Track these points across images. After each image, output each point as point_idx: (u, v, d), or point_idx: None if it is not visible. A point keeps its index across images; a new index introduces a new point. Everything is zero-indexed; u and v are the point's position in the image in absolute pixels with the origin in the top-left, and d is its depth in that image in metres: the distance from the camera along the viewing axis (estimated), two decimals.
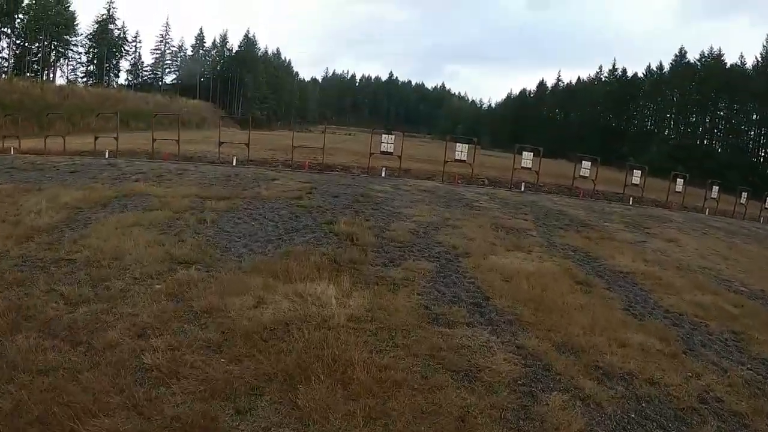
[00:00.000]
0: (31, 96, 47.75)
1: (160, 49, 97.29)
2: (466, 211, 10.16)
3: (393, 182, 13.50)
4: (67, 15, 75.34)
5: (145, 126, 53.32)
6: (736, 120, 71.82)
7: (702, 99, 75.66)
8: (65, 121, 41.93)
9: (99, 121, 51.76)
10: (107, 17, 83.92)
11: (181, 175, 12.24)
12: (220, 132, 16.68)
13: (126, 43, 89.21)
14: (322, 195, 9.94)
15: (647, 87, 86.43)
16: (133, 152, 19.21)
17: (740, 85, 67.64)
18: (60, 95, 53.70)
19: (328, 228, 7.13)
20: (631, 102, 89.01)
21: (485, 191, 14.18)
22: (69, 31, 76.45)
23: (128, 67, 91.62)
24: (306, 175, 13.61)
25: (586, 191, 18.25)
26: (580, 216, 12.06)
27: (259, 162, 17.16)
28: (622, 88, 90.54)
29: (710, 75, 73.04)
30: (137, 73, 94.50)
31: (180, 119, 18.35)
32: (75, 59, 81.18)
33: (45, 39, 72.58)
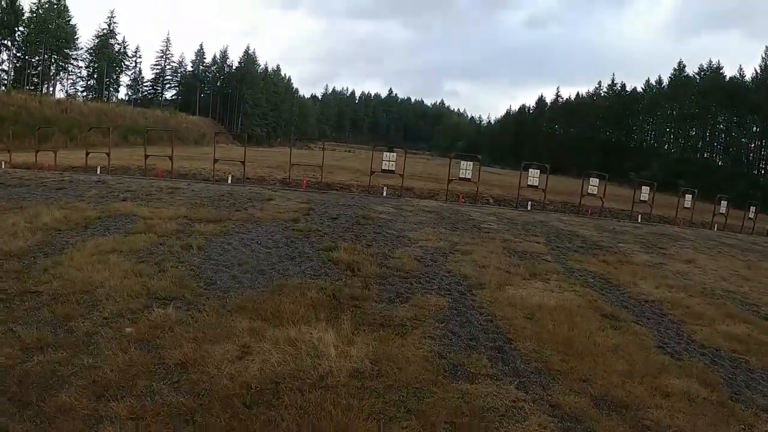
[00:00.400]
0: (28, 109, 47.41)
1: (160, 64, 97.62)
2: (474, 233, 9.49)
3: (395, 202, 12.86)
4: (67, 29, 75.47)
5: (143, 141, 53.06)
6: (736, 133, 71.77)
7: (702, 112, 75.69)
8: (63, 134, 41.74)
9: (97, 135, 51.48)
10: (108, 32, 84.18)
11: (172, 193, 11.61)
12: (215, 149, 16.04)
13: (126, 57, 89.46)
14: (320, 217, 9.28)
15: (647, 101, 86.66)
16: (127, 168, 18.65)
17: (740, 97, 67.67)
18: (58, 109, 53.52)
19: (326, 255, 6.44)
20: (631, 117, 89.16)
21: (492, 211, 13.54)
22: (69, 45, 76.55)
23: (128, 82, 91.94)
24: (304, 194, 12.97)
25: (594, 209, 17.73)
26: (593, 237, 11.43)
27: (256, 180, 16.58)
28: (622, 103, 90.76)
29: (710, 88, 73.14)
30: (137, 89, 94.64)
31: (174, 135, 17.49)
32: (75, 73, 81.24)
33: (45, 52, 72.60)
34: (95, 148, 18.82)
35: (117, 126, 57.02)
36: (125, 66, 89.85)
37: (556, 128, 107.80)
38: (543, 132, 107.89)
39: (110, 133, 18.88)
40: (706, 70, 77.01)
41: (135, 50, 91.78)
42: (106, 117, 58.87)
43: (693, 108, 76.84)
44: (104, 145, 47.71)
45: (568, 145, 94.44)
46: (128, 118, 62.96)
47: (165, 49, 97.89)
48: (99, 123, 53.92)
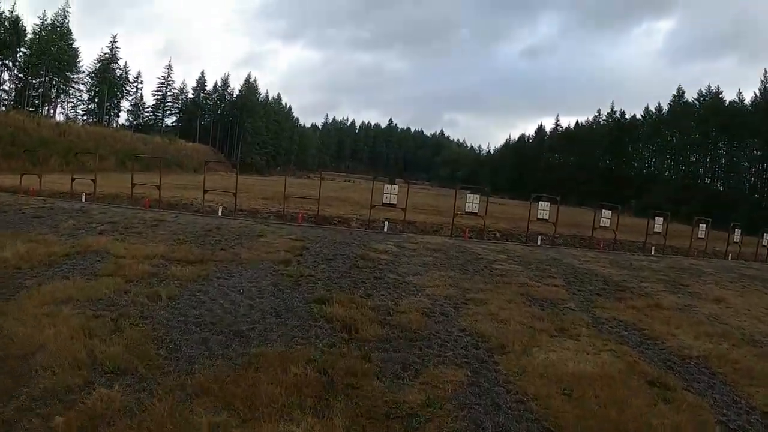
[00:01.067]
0: (26, 130, 46.74)
1: (161, 90, 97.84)
2: (486, 277, 8.50)
3: (397, 239, 11.89)
4: (69, 52, 75.61)
5: (141, 167, 52.34)
6: (737, 158, 71.47)
7: (702, 138, 75.54)
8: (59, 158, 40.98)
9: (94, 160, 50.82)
10: (110, 56, 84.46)
11: (155, 227, 10.67)
12: (204, 178, 15.14)
13: (128, 83, 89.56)
14: (314, 257, 8.29)
15: (646, 128, 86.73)
16: (115, 196, 17.77)
17: (739, 122, 67.56)
18: (56, 131, 52.89)
19: (318, 310, 5.43)
20: (631, 144, 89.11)
21: (501, 248, 12.56)
22: (71, 68, 76.62)
23: (129, 108, 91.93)
24: (299, 229, 12.00)
25: (605, 242, 16.85)
26: (612, 276, 10.50)
27: (249, 212, 15.65)
28: (621, 131, 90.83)
29: (710, 114, 73.12)
30: (138, 114, 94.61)
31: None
32: (76, 96, 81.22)
33: (46, 74, 72.60)
34: (90, 174, 17.96)
35: (115, 151, 56.49)
36: (126, 91, 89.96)
37: (555, 157, 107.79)
38: (543, 161, 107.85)
39: (96, 157, 17.82)
40: (705, 95, 77.23)
41: (136, 75, 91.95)
42: (105, 141, 58.24)
43: (693, 134, 76.84)
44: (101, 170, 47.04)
45: (568, 174, 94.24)
46: (127, 143, 62.30)
47: (166, 75, 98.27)
48: (97, 147, 53.15)
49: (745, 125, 66.24)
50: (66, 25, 75.43)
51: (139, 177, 17.01)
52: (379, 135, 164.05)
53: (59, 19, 74.57)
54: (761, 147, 65.87)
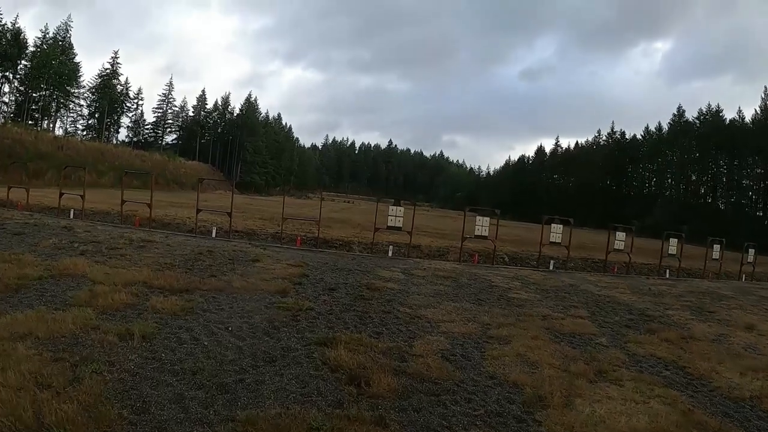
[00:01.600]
0: (23, 143, 46.23)
1: (162, 107, 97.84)
2: (504, 308, 7.67)
3: (403, 264, 11.08)
4: (70, 66, 75.54)
5: (139, 184, 51.67)
6: (738, 176, 71.17)
7: (703, 156, 75.29)
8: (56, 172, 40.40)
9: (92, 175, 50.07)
10: (111, 72, 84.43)
11: (141, 248, 9.88)
12: (198, 197, 14.36)
13: (128, 99, 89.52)
14: (314, 286, 7.46)
15: (647, 148, 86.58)
16: (106, 214, 17.03)
17: (741, 140, 67.34)
18: (54, 145, 52.48)
19: (320, 354, 4.57)
20: (631, 164, 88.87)
21: (513, 273, 11.74)
22: (71, 82, 76.45)
23: (129, 124, 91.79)
24: (298, 253, 11.20)
25: (618, 264, 16.12)
26: (635, 303, 9.79)
27: (245, 233, 14.85)
28: (621, 150, 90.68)
29: (710, 132, 72.98)
30: (138, 131, 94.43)
31: (157, 178, 15.92)
32: (76, 111, 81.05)
33: (47, 88, 72.36)
34: (92, 188, 17.30)
35: (113, 167, 55.84)
36: (126, 107, 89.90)
37: (555, 178, 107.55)
38: (543, 182, 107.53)
39: (86, 172, 16.99)
40: (705, 114, 77.21)
41: (137, 92, 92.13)
42: (103, 157, 57.74)
43: (694, 152, 76.71)
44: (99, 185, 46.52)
45: (568, 195, 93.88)
46: (125, 159, 61.91)
47: (167, 92, 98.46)
48: (95, 163, 52.72)
49: (746, 143, 66.08)
50: (68, 40, 75.63)
51: (135, 194, 16.32)
52: (379, 156, 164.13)
53: (61, 33, 74.79)
54: (763, 164, 65.46)
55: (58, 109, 77.42)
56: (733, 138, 68.77)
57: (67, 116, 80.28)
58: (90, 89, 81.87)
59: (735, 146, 68.46)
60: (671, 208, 72.17)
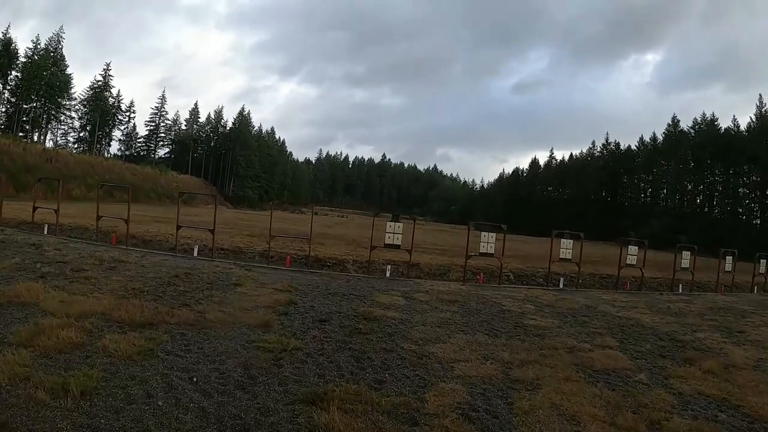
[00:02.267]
0: (11, 155, 45.16)
1: (154, 121, 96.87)
2: (523, 339, 6.65)
3: (403, 286, 10.04)
4: (62, 77, 74.51)
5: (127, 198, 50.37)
6: (735, 184, 70.91)
7: (698, 166, 75.06)
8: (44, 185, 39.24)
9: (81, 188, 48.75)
10: (102, 84, 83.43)
11: (111, 270, 8.83)
12: (178, 211, 13.30)
13: (120, 111, 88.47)
14: (303, 318, 6.40)
15: (641, 159, 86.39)
16: (84, 229, 15.92)
17: (736, 148, 67.14)
18: (43, 158, 51.41)
19: (307, 419, 3.52)
20: (626, 175, 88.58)
21: (523, 294, 10.73)
22: (62, 94, 75.35)
23: (121, 137, 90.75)
24: (286, 274, 10.14)
25: (628, 279, 15.22)
26: (659, 326, 8.84)
27: (230, 251, 13.78)
28: (616, 161, 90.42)
29: (705, 141, 72.84)
30: (130, 144, 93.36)
31: (130, 191, 14.93)
32: (67, 123, 79.90)
33: (37, 99, 71.22)
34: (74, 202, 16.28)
35: (104, 180, 54.63)
36: (118, 120, 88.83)
37: (550, 190, 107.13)
38: (537, 194, 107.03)
39: (59, 185, 15.94)
40: (700, 123, 77.12)
41: (129, 105, 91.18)
42: (93, 170, 56.64)
43: (689, 162, 76.52)
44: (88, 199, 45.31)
45: (563, 207, 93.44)
46: (116, 172, 60.84)
47: (160, 106, 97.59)
48: (84, 176, 51.71)
49: (742, 151, 65.89)
50: (60, 51, 74.76)
51: (121, 208, 15.25)
52: (373, 170, 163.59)
53: (53, 44, 73.88)
54: (760, 172, 65.17)
55: (48, 121, 76.31)
56: (728, 146, 68.64)
57: (58, 128, 79.23)
58: (81, 101, 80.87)
59: (730, 155, 68.25)
60: (668, 218, 71.72)
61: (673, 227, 66.85)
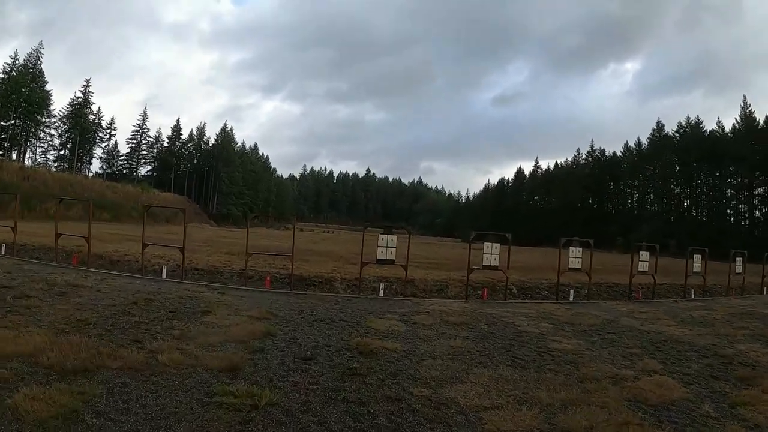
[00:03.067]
0: None
1: (136, 138, 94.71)
2: (554, 369, 5.45)
3: (400, 307, 8.81)
4: (40, 94, 72.41)
5: (109, 217, 48.57)
6: (722, 186, 70.96)
7: (684, 169, 75.04)
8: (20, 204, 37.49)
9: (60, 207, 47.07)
10: (83, 101, 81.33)
11: (61, 296, 7.56)
12: (144, 228, 11.95)
13: (100, 129, 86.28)
14: (282, 354, 5.10)
15: (627, 165, 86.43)
16: (48, 249, 14.50)
17: (721, 150, 67.26)
18: (19, 176, 49.67)
19: None
20: (612, 181, 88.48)
21: (535, 310, 9.56)
22: (41, 111, 73.21)
23: (102, 155, 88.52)
24: (265, 298, 8.85)
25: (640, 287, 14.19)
26: (694, 339, 7.82)
27: (206, 271, 12.45)
28: (602, 169, 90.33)
29: (690, 144, 72.87)
30: (112, 162, 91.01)
31: (90, 206, 13.71)
32: (47, 141, 77.62)
33: (16, 116, 69.04)
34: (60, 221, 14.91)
35: (83, 199, 52.63)
36: (99, 137, 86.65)
37: (536, 199, 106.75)
38: (523, 203, 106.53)
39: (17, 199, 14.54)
40: (685, 126, 77.24)
41: (110, 122, 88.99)
42: (72, 189, 54.73)
43: (674, 166, 76.58)
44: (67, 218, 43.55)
45: (549, 215, 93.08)
46: (96, 191, 58.88)
47: (141, 123, 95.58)
48: (63, 194, 49.65)
49: (727, 153, 65.98)
50: (38, 67, 72.70)
51: (102, 227, 13.93)
52: (358, 184, 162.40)
53: (32, 60, 71.84)
54: (747, 173, 65.20)
55: (27, 139, 74.06)
56: (713, 149, 68.76)
57: (37, 146, 76.94)
58: (61, 118, 78.77)
59: (716, 157, 68.33)
60: (656, 222, 71.50)
61: (662, 231, 66.55)
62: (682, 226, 67.64)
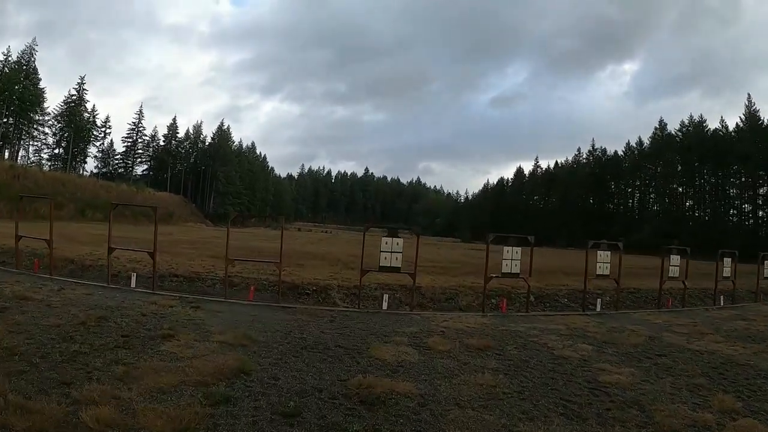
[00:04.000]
0: None
1: (131, 137, 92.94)
2: (617, 415, 4.11)
3: (408, 324, 7.42)
4: (34, 91, 70.80)
5: (102, 217, 47.15)
6: (726, 185, 69.64)
7: (686, 169, 73.71)
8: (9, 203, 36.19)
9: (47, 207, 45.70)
10: (77, 98, 79.70)
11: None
12: (110, 228, 10.54)
13: (95, 127, 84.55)
14: (255, 404, 3.68)
15: (628, 164, 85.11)
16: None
17: (725, 150, 65.96)
18: (9, 174, 48.31)
19: None
20: (613, 181, 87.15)
21: (564, 327, 8.17)
22: (34, 109, 71.60)
23: (97, 154, 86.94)
24: (246, 313, 7.46)
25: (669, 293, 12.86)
26: (759, 363, 6.44)
27: (186, 278, 11.04)
28: (603, 168, 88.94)
29: (693, 143, 71.46)
30: (108, 161, 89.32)
31: (51, 204, 12.35)
32: (40, 140, 75.98)
33: (9, 114, 67.44)
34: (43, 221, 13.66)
35: (75, 199, 51.14)
36: (94, 136, 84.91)
37: (536, 199, 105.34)
38: (523, 203, 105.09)
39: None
40: (687, 125, 75.84)
41: (105, 120, 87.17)
42: (64, 188, 53.27)
43: (676, 165, 75.28)
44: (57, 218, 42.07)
45: (550, 215, 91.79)
46: (89, 190, 57.38)
47: (137, 121, 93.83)
48: (54, 194, 48.24)
49: (732, 152, 64.70)
50: (32, 64, 71.07)
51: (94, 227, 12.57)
52: (356, 184, 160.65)
53: (25, 57, 70.22)
54: (751, 172, 63.89)
55: (20, 137, 72.44)
56: (716, 148, 67.45)
57: (31, 145, 75.30)
58: (55, 116, 77.15)
59: (720, 156, 67.01)
60: (658, 222, 70.22)
61: (664, 231, 65.28)
62: (684, 226, 66.37)
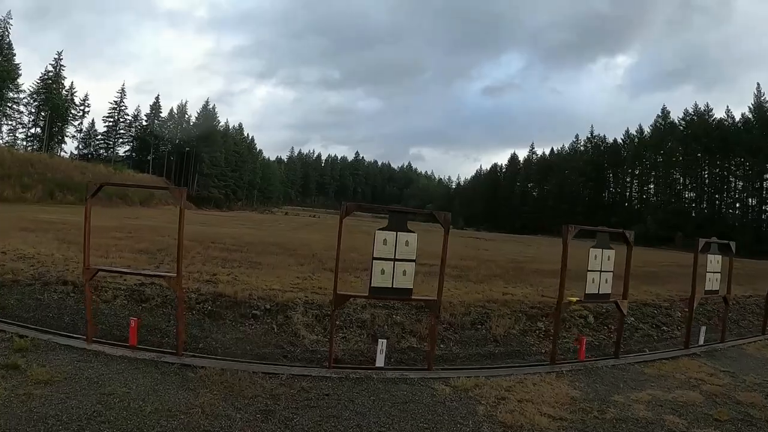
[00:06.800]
0: None
1: (113, 117, 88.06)
2: None
3: (429, 411, 3.84)
4: (8, 67, 65.77)
5: (74, 199, 43.06)
6: (729, 176, 66.86)
7: (689, 159, 70.94)
8: None
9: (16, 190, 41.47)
10: (54, 75, 74.74)
11: None
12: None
13: (73, 106, 79.60)
14: None
15: (628, 153, 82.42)
16: None
17: (732, 141, 63.24)
18: None
19: None
20: (610, 169, 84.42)
21: (676, 385, 4.67)
22: (7, 85, 66.58)
23: (75, 134, 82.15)
24: (91, 385, 3.88)
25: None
26: None
27: (79, 285, 7.32)
28: (601, 156, 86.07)
29: (698, 133, 68.56)
30: (89, 142, 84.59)
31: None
32: (15, 119, 71.12)
33: None
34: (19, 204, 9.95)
35: (44, 180, 47.02)
36: (72, 115, 79.89)
37: (531, 186, 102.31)
38: (518, 191, 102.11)
39: None
40: (692, 114, 72.69)
41: (83, 98, 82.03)
42: (33, 169, 49.01)
43: (678, 155, 72.40)
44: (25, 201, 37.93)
45: (546, 203, 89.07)
46: (62, 171, 52.99)
47: (119, 100, 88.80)
48: (21, 175, 44.44)
49: (739, 143, 61.84)
50: (6, 38, 65.97)
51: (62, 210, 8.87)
52: (346, 168, 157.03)
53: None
54: (760, 164, 61.14)
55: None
56: (722, 139, 64.51)
57: (5, 123, 70.31)
58: (31, 94, 72.14)
59: (726, 147, 64.06)
60: (661, 214, 67.50)
61: (670, 223, 62.53)
62: (687, 218, 63.70)
